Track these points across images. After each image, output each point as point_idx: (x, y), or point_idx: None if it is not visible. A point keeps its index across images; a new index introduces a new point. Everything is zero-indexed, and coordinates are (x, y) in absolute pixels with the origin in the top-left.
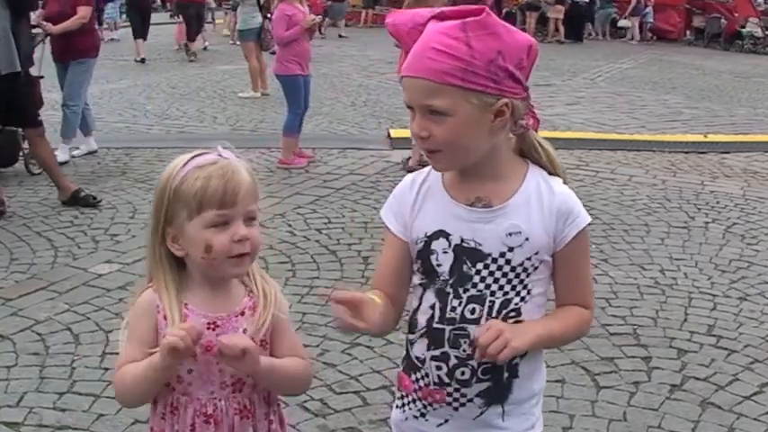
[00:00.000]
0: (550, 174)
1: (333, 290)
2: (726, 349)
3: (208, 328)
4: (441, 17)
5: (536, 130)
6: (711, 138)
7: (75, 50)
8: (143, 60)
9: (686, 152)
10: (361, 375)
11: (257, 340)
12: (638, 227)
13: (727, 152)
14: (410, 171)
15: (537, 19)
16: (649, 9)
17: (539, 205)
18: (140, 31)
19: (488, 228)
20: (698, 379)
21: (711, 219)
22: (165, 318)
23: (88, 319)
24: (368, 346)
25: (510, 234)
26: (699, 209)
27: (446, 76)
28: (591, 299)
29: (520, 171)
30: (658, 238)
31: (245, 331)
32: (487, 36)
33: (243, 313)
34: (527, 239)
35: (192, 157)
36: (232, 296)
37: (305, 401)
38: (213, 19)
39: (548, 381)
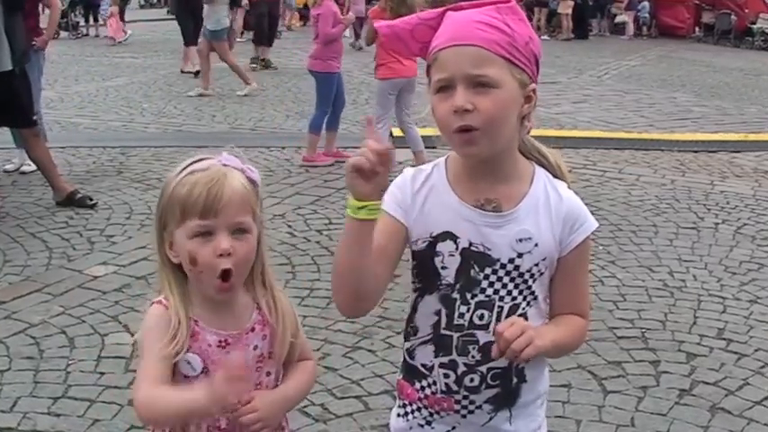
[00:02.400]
0: (555, 177)
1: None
2: (736, 353)
3: (218, 346)
4: (457, 10)
5: (528, 133)
6: (721, 137)
7: None
8: (197, 73)
9: (695, 151)
10: (362, 380)
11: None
12: (646, 228)
13: (738, 151)
14: None
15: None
16: (644, 4)
17: (547, 210)
18: (192, 35)
19: (498, 233)
20: (707, 383)
21: (721, 219)
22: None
23: (83, 322)
24: (369, 350)
25: (520, 240)
26: (708, 209)
27: (497, 46)
28: (587, 307)
29: (527, 173)
30: (667, 240)
31: (255, 348)
32: (520, 21)
33: (253, 329)
34: (536, 245)
35: (194, 161)
36: (239, 309)
37: (305, 406)
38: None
39: (554, 385)
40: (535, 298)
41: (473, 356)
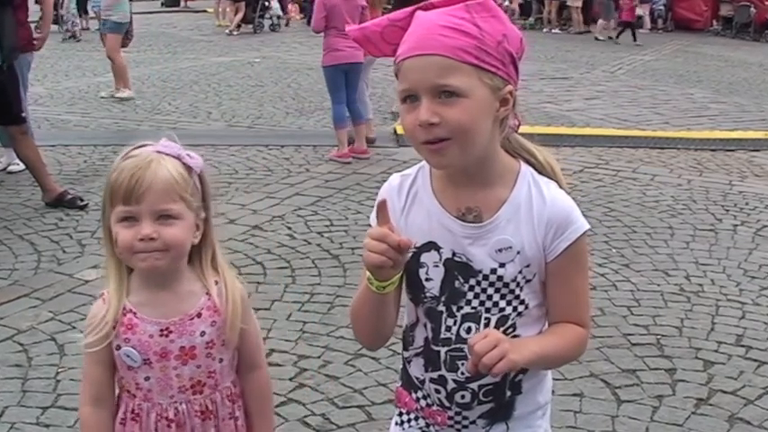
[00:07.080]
0: (546, 176)
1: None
2: (756, 360)
3: (161, 335)
4: (427, 8)
5: (516, 131)
6: (740, 135)
7: None
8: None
9: (713, 150)
10: (365, 389)
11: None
12: (661, 230)
13: (757, 150)
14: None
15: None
16: None
17: (528, 214)
18: None
19: (477, 244)
20: (725, 392)
21: (740, 221)
22: (113, 328)
23: (73, 328)
24: (373, 358)
25: (500, 250)
26: (726, 210)
27: (462, 53)
28: (586, 316)
29: (511, 175)
30: (683, 242)
31: (202, 334)
32: (492, 18)
33: (200, 315)
34: (518, 253)
35: (134, 148)
36: (183, 296)
37: (305, 416)
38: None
39: (565, 395)
40: (526, 306)
41: (462, 373)
